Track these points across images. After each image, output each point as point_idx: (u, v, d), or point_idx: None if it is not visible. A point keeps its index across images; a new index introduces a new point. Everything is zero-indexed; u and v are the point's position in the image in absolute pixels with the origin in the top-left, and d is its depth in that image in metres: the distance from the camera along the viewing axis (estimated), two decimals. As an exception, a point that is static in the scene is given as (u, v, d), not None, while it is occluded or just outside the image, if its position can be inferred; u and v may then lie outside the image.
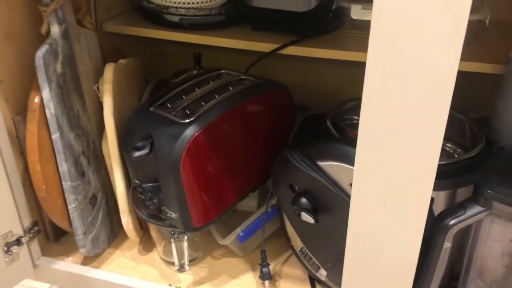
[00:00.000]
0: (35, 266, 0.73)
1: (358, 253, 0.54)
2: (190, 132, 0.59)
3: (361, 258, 0.54)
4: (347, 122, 0.75)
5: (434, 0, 0.40)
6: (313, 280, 0.70)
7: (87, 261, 0.74)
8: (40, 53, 0.61)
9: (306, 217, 0.62)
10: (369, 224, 0.52)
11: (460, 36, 0.42)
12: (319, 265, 0.66)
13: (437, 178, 0.47)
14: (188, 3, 0.76)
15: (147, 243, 0.78)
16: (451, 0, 0.40)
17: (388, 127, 0.47)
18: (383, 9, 0.42)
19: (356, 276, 0.56)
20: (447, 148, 0.70)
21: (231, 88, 0.67)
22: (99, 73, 0.72)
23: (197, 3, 0.76)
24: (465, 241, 0.57)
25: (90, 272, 0.73)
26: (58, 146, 0.65)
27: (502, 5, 0.75)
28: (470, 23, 0.72)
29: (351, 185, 0.51)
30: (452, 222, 0.52)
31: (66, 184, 0.67)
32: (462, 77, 0.68)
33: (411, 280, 0.53)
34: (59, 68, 0.64)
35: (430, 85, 0.44)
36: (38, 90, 0.62)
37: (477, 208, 0.51)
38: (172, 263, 0.73)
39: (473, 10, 0.71)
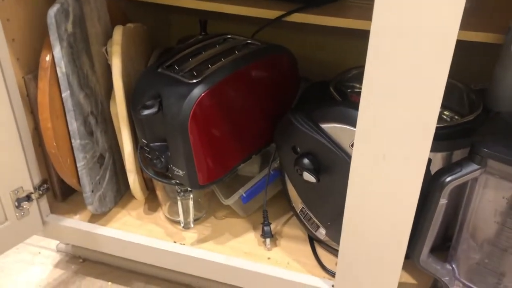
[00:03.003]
0: (44, 222, 0.75)
1: (357, 210, 0.57)
2: (197, 91, 0.61)
3: (360, 214, 0.57)
4: (349, 90, 0.77)
5: None
6: (312, 239, 0.73)
7: (94, 219, 0.77)
8: (52, 11, 0.62)
9: (308, 177, 0.64)
10: (368, 181, 0.54)
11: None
12: (319, 224, 0.69)
13: (434, 140, 0.50)
14: (195, -31, 0.77)
15: (152, 204, 0.80)
16: None
17: (389, 87, 0.49)
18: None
19: (355, 232, 0.58)
20: (445, 116, 0.72)
21: (237, 52, 0.69)
22: (107, 37, 0.73)
23: (205, -32, 0.77)
24: (459, 201, 0.60)
25: (97, 229, 0.75)
26: (68, 104, 0.67)
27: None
28: (472, -7, 0.73)
29: (352, 146, 0.53)
30: (448, 179, 0.54)
31: (76, 142, 0.69)
32: (463, 47, 0.70)
33: (408, 235, 0.55)
34: (69, 27, 0.65)
35: (431, 46, 0.46)
36: (50, 48, 0.64)
37: (473, 166, 0.53)
38: (177, 222, 0.75)
39: (475, -21, 0.72)
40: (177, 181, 0.67)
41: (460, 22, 0.45)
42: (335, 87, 0.72)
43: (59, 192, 0.79)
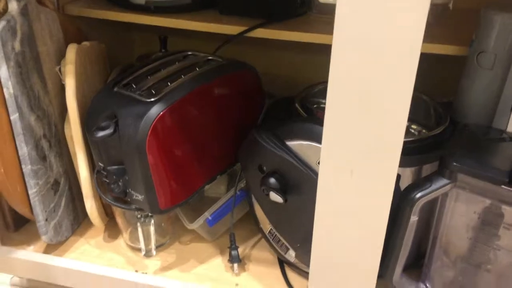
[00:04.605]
0: (-6, 256, 0.70)
1: (326, 230, 0.54)
2: (155, 110, 0.58)
3: (329, 234, 0.54)
4: (315, 106, 0.75)
5: None
6: (282, 262, 0.70)
7: (49, 249, 0.72)
8: (-3, 29, 0.58)
9: (275, 197, 0.61)
10: (336, 198, 0.52)
11: (423, 11, 0.42)
12: (288, 246, 0.66)
13: (403, 154, 0.48)
14: (154, -16, 0.74)
15: (112, 231, 0.76)
16: None
17: (353, 102, 0.47)
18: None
19: (325, 253, 0.56)
20: (412, 130, 0.70)
21: (197, 69, 0.66)
22: (61, 55, 0.70)
23: (163, -16, 0.75)
24: (431, 217, 0.58)
25: (52, 260, 0.70)
26: (18, 127, 0.62)
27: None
28: (435, 6, 0.73)
29: (319, 163, 0.51)
30: (418, 195, 0.52)
31: (26, 168, 0.64)
32: (429, 59, 0.69)
33: (379, 254, 0.53)
34: (17, 46, 0.61)
35: (395, 60, 0.45)
36: (-5, 68, 0.60)
37: (443, 181, 0.52)
38: (139, 250, 0.71)
39: (437, -7, 0.72)
40: (137, 206, 0.63)
41: (425, 35, 0.43)
42: (300, 103, 0.70)
43: (11, 222, 0.74)
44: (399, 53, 0.44)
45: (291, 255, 0.66)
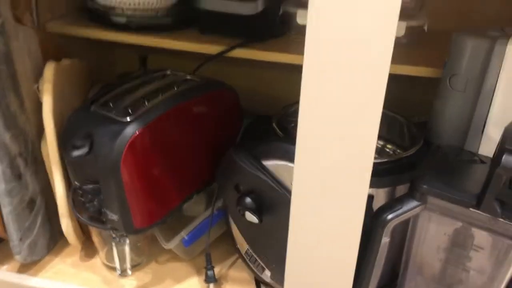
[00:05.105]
0: (-34, 275, 0.69)
1: (299, 250, 0.54)
2: (131, 130, 0.58)
3: (302, 255, 0.54)
4: (292, 125, 0.76)
5: (365, 7, 0.42)
6: (258, 282, 0.70)
7: (24, 269, 0.71)
8: (-27, 47, 0.58)
9: (250, 217, 0.61)
10: (309, 219, 0.52)
11: (390, 37, 0.43)
12: (264, 266, 0.66)
13: (376, 176, 0.48)
14: (134, 4, 0.75)
15: (89, 250, 0.75)
16: (381, 7, 0.41)
17: (324, 123, 0.48)
18: (318, 15, 0.43)
19: (298, 273, 0.56)
20: (387, 150, 0.71)
21: (176, 88, 0.66)
22: (39, 73, 0.69)
23: (143, 4, 0.75)
24: (404, 238, 0.58)
25: (26, 280, 0.69)
26: (-9, 146, 0.62)
27: (438, 13, 0.79)
28: (410, 28, 0.74)
29: (294, 183, 0.51)
30: (389, 216, 0.52)
31: (1, 187, 0.64)
32: (404, 80, 0.70)
33: (352, 275, 0.53)
34: (-6, 64, 0.61)
35: (364, 83, 0.45)
36: (-30, 86, 0.60)
37: (413, 203, 0.52)
38: (115, 269, 0.70)
39: (412, 17, 0.74)
40: (112, 226, 0.63)
41: (400, 56, 0.44)
42: (277, 122, 0.70)
43: (-15, 241, 0.73)
44: (368, 75, 0.45)
45: (267, 275, 0.66)
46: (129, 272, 0.69)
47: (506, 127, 0.55)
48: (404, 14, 0.55)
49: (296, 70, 0.72)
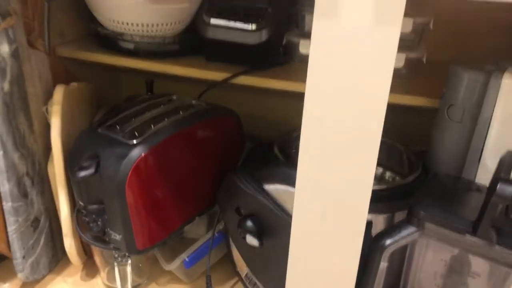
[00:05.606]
0: (-32, 293, 0.69)
1: (299, 274, 0.55)
2: (137, 152, 0.59)
3: (302, 279, 0.55)
4: (293, 150, 0.77)
5: (366, 39, 0.44)
6: (257, 305, 0.70)
7: (25, 287, 0.71)
8: (-13, 70, 0.60)
9: (251, 240, 0.62)
10: (309, 244, 0.53)
11: (389, 68, 0.45)
12: (264, 290, 0.66)
13: (375, 202, 0.49)
14: (143, 31, 0.78)
15: (90, 269, 0.76)
16: (381, 39, 0.43)
17: (325, 150, 0.49)
18: (320, 45, 0.45)
19: (298, 298, 0.56)
20: (386, 177, 0.73)
21: (181, 112, 0.68)
22: (49, 96, 0.72)
23: (152, 31, 0.78)
24: (402, 263, 0.59)
25: (27, 299, 0.70)
26: (1, 165, 0.64)
27: (437, 45, 0.81)
28: (409, 60, 0.77)
29: (294, 208, 0.53)
30: (387, 242, 0.53)
31: (7, 205, 0.65)
32: (405, 110, 0.72)
33: (350, 300, 0.54)
34: (6, 86, 0.63)
35: (363, 112, 0.47)
36: (-17, 107, 0.62)
37: (411, 229, 0.53)
38: (116, 290, 0.71)
39: (411, 48, 0.76)
40: (114, 246, 0.64)
41: (400, 87, 0.46)
42: (279, 147, 0.72)
43: (-12, 259, 0.74)
44: (367, 104, 0.47)
45: (266, 299, 0.67)
46: (130, 292, 0.70)
47: (502, 157, 0.57)
48: (404, 46, 0.57)
49: (298, 98, 0.74)
